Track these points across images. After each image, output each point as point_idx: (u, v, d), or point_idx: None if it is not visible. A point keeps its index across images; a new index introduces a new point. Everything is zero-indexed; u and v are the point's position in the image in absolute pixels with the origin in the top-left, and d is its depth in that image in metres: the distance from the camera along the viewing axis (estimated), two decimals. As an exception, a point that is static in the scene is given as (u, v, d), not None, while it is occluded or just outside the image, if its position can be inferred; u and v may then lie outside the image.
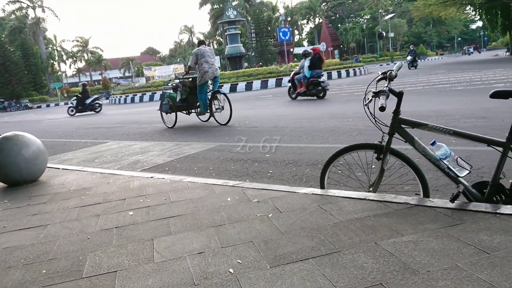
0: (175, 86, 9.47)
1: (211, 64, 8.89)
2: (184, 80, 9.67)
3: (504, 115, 6.09)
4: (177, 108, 9.30)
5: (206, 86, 8.99)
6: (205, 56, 8.84)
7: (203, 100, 9.04)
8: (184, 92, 9.29)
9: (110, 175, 4.52)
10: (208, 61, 8.85)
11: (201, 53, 8.87)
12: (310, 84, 12.95)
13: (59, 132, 11.65)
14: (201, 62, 8.82)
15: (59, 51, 64.94)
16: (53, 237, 2.73)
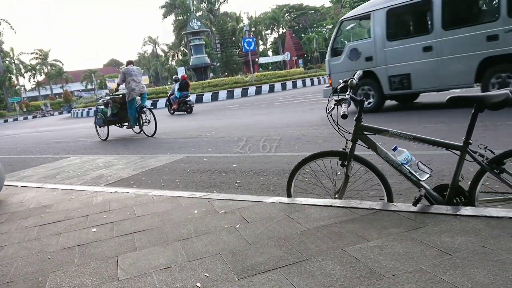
0: (106, 102, 10.41)
1: (138, 82, 9.83)
2: (115, 96, 10.56)
3: (460, 119, 6.33)
4: (109, 122, 10.20)
5: (134, 101, 9.85)
6: (132, 75, 9.77)
7: (132, 114, 9.97)
8: (115, 107, 10.26)
9: (72, 191, 4.37)
10: (135, 80, 9.78)
11: (128, 72, 9.78)
12: (181, 103, 16.86)
13: (18, 148, 11.20)
14: (128, 81, 9.74)
15: (17, 64, 62.75)
16: (10, 259, 2.59)
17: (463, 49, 7.19)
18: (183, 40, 66.61)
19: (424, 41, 7.69)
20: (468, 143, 2.27)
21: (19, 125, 28.88)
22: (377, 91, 8.52)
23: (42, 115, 43.34)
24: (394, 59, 8.15)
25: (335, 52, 9.33)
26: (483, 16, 7.29)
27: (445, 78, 7.60)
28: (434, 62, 7.61)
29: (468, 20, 7.26)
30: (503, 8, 6.59)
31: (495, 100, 2.19)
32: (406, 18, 8.47)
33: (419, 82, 7.93)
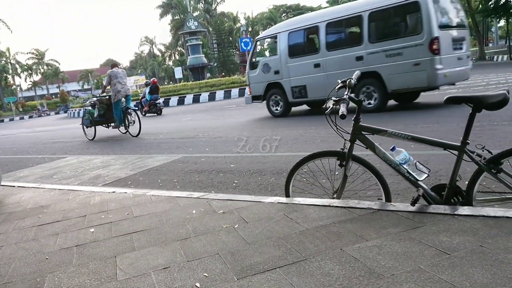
0: (93, 103, 10.78)
1: (123, 84, 10.18)
2: (102, 98, 10.93)
3: (458, 120, 6.36)
4: (96, 123, 10.58)
5: (120, 103, 10.18)
6: (118, 77, 10.09)
7: (118, 115, 10.29)
8: (101, 108, 10.60)
9: (69, 191, 4.36)
10: (121, 82, 10.10)
11: (114, 75, 10.10)
12: (151, 105, 18.02)
13: (14, 148, 11.15)
14: (114, 83, 10.04)
15: (13, 64, 62.49)
16: (8, 259, 2.59)
17: (341, 66, 8.88)
18: (180, 40, 66.53)
19: (315, 59, 9.46)
20: (465, 143, 2.28)
21: (15, 125, 28.78)
22: (284, 99, 10.32)
23: (38, 115, 43.19)
24: (294, 73, 9.88)
25: (253, 65, 11.09)
26: (353, 41, 8.98)
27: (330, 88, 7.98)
28: (322, 76, 9.35)
29: (343, 44, 9.13)
30: (365, 36, 8.54)
31: (492, 100, 2.20)
32: (302, 40, 9.99)
33: (313, 92, 9.62)
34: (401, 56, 8.06)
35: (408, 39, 8.02)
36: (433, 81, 7.84)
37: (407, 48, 7.98)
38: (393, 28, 8.61)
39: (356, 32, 9.04)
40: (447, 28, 8.10)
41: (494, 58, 35.12)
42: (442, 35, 7.75)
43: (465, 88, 12.18)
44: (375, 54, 8.40)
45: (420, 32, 7.80)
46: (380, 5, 8.31)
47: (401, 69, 8.07)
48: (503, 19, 36.33)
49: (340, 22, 9.13)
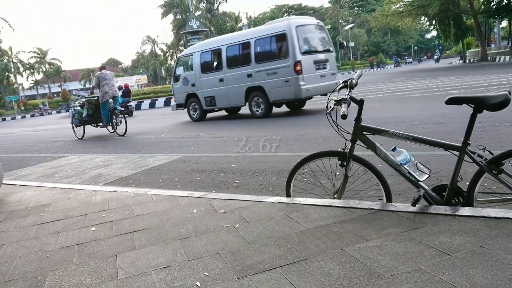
0: (82, 104, 11.38)
1: (111, 86, 10.67)
2: (90, 98, 11.36)
3: (459, 120, 6.36)
4: (84, 122, 11.11)
5: (107, 104, 10.64)
6: (106, 79, 10.61)
7: (105, 115, 10.79)
8: (90, 108, 11.09)
9: (70, 190, 4.37)
10: (108, 83, 10.59)
11: (102, 77, 10.60)
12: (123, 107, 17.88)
13: (16, 147, 11.17)
14: (102, 84, 10.55)
15: (15, 63, 62.56)
16: (9, 257, 2.59)
17: (238, 81, 11.00)
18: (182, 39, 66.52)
19: (219, 75, 11.50)
20: (466, 144, 2.28)
21: (17, 123, 28.81)
22: (200, 106, 12.41)
23: (40, 114, 43.20)
24: (206, 86, 11.93)
25: (176, 78, 13.08)
26: (245, 62, 10.91)
27: (231, 99, 11.44)
28: (225, 89, 11.44)
29: (238, 64, 11.09)
30: (253, 58, 10.67)
31: (494, 101, 2.19)
32: (210, 59, 12.02)
33: (220, 101, 11.76)
34: (276, 75, 10.18)
35: (280, 61, 10.15)
36: (298, 94, 9.98)
37: (280, 69, 10.12)
38: (271, 52, 10.55)
39: (247, 54, 10.90)
40: (309, 53, 10.23)
41: (496, 59, 35.05)
42: (304, 59, 9.90)
43: (467, 89, 12.18)
44: (260, 72, 10.51)
45: (287, 57, 9.96)
46: (261, 35, 10.65)
47: (277, 84, 10.21)
48: (505, 20, 36.27)
49: (236, 46, 11.21)
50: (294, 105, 11.69)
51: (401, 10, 37.73)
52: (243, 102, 11.18)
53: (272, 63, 10.22)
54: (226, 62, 11.26)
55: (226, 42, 11.48)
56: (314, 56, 10.32)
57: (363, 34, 76.53)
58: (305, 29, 10.40)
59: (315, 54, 10.41)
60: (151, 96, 26.98)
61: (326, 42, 11.00)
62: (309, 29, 10.63)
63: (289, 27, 9.95)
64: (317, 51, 10.60)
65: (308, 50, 10.29)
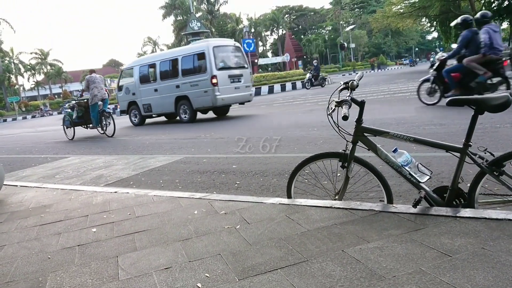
0: (72, 106, 11.86)
1: (100, 89, 11.19)
2: (80, 101, 11.99)
3: (460, 122, 6.35)
4: (74, 124, 11.65)
5: (97, 106, 11.16)
6: (96, 82, 11.12)
7: (94, 117, 11.32)
8: (80, 111, 11.63)
9: (71, 191, 4.38)
10: (98, 86, 11.12)
11: (92, 80, 11.13)
12: None
13: (17, 148, 11.19)
14: (92, 87, 11.10)
15: (16, 64, 62.66)
16: (10, 258, 2.60)
17: (169, 92, 12.78)
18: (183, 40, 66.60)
19: (154, 86, 13.30)
20: (468, 145, 2.28)
21: (18, 124, 28.84)
22: (139, 113, 14.02)
23: (41, 115, 43.29)
24: (144, 95, 13.61)
25: (120, 88, 14.69)
26: (174, 75, 12.78)
27: (164, 106, 13.13)
28: (159, 98, 13.13)
29: (169, 76, 12.91)
30: (180, 72, 12.52)
31: (495, 102, 2.19)
32: (147, 72, 13.81)
33: (155, 109, 13.42)
34: (198, 86, 12.02)
35: (201, 75, 11.98)
36: (214, 102, 11.82)
37: (200, 81, 11.95)
38: (194, 68, 12.37)
39: (175, 69, 12.73)
40: (224, 69, 12.13)
41: (497, 60, 34.99)
42: (219, 74, 11.79)
43: (468, 90, 12.13)
44: (185, 84, 12.35)
45: (206, 72, 11.82)
46: (187, 53, 12.59)
47: (198, 94, 12.03)
48: (506, 21, 36.26)
49: (167, 62, 13.09)
50: (219, 112, 13.47)
51: (402, 12, 37.75)
52: (173, 109, 12.97)
53: (194, 77, 12.16)
54: (159, 75, 13.15)
55: (159, 58, 13.60)
56: (229, 72, 12.32)
57: (364, 35, 76.63)
58: (221, 49, 12.47)
59: (230, 70, 12.41)
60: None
61: (241, 60, 13.15)
62: (225, 49, 12.79)
63: (207, 47, 11.94)
64: (232, 68, 12.62)
65: (223, 66, 12.23)
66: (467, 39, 8.16)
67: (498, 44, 7.87)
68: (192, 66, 12.39)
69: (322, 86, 25.03)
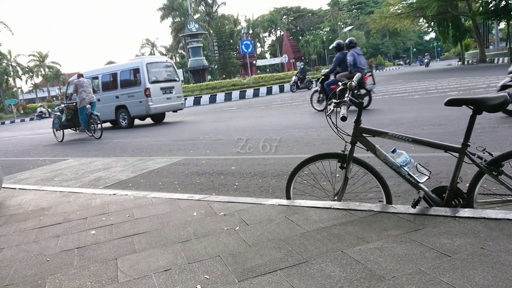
0: (61, 109, 12.43)
1: (88, 92, 11.74)
2: (69, 104, 12.67)
3: (459, 122, 6.37)
4: (64, 126, 12.30)
5: (85, 109, 11.65)
6: (84, 86, 11.65)
7: (83, 120, 11.80)
8: (69, 114, 12.33)
9: (70, 194, 4.37)
10: (85, 90, 11.66)
11: (80, 84, 11.65)
12: None
13: (15, 150, 11.16)
14: (80, 91, 11.63)
15: (14, 66, 62.55)
16: (9, 261, 2.59)
17: (110, 101, 14.25)
18: (181, 42, 66.66)
19: (98, 96, 13.73)
20: (466, 145, 2.29)
21: (16, 127, 28.77)
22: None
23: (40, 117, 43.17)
24: None
25: (67, 97, 15.03)
26: (114, 87, 14.35)
27: (106, 114, 13.99)
28: (101, 107, 13.78)
29: (110, 88, 14.45)
30: (119, 84, 14.14)
31: (493, 102, 2.20)
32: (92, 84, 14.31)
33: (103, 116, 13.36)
34: (134, 97, 13.64)
35: (136, 88, 13.66)
36: (148, 111, 13.60)
37: (136, 93, 13.59)
38: (130, 81, 13.97)
39: (115, 82, 14.30)
40: (157, 82, 13.90)
41: (495, 60, 35.13)
42: (152, 86, 13.57)
43: (466, 90, 12.20)
44: (124, 95, 13.98)
45: (141, 84, 13.55)
46: (124, 68, 14.19)
47: (135, 104, 13.64)
48: (503, 21, 36.36)
49: (108, 75, 14.59)
50: (156, 118, 15.16)
51: (400, 12, 37.88)
52: (114, 117, 14.50)
53: (131, 89, 13.76)
54: (101, 86, 14.61)
55: (102, 72, 15.07)
56: (161, 84, 14.13)
57: (361, 36, 76.69)
58: (154, 65, 14.24)
59: (161, 83, 14.19)
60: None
61: (173, 74, 14.94)
62: (158, 65, 14.52)
63: (141, 64, 13.70)
64: (164, 81, 14.39)
65: (156, 80, 13.98)
66: (339, 60, 10.57)
67: (361, 64, 10.21)
68: (129, 80, 14.15)
69: (308, 88, 24.54)
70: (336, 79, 10.34)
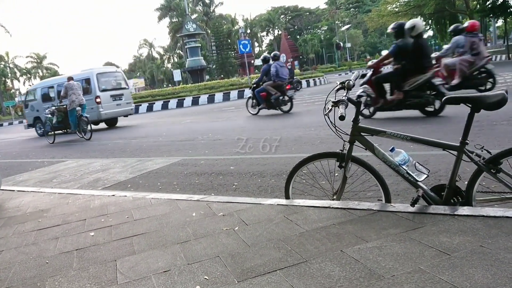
0: (52, 111, 12.75)
1: (78, 95, 12.15)
2: (60, 106, 12.84)
3: (457, 120, 6.37)
4: (55, 128, 12.64)
5: (74, 111, 12.08)
6: (73, 89, 12.10)
7: (73, 121, 12.21)
8: (59, 116, 12.61)
9: (69, 195, 4.36)
10: (75, 93, 12.09)
11: (70, 87, 12.10)
12: None
13: (13, 152, 11.14)
14: (70, 94, 12.04)
15: (12, 68, 62.49)
16: (8, 264, 2.58)
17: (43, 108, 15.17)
18: (179, 42, 66.57)
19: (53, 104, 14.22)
20: (464, 143, 2.29)
21: (14, 129, 28.68)
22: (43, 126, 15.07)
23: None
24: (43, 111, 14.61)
25: (26, 105, 17.18)
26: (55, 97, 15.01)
27: None
28: None
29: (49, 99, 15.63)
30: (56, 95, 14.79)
31: (491, 100, 2.20)
32: (47, 92, 16.20)
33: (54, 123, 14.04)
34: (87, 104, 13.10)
35: (88, 96, 14.24)
36: (99, 117, 14.73)
37: (88, 100, 13.68)
38: (83, 89, 13.68)
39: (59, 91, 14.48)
40: (107, 90, 15.04)
41: (493, 58, 35.16)
42: (102, 94, 14.71)
43: (464, 88, 12.16)
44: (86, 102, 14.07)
45: (91, 93, 14.63)
46: (77, 78, 14.13)
47: (88, 110, 13.25)
48: (501, 19, 36.41)
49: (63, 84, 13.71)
50: (109, 123, 16.21)
51: (397, 10, 37.87)
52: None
53: (84, 97, 13.31)
54: (56, 95, 15.00)
55: (57, 82, 15.82)
56: (111, 92, 15.22)
57: (359, 34, 76.77)
58: (104, 75, 15.30)
59: (111, 91, 15.29)
60: (148, 99, 27.01)
61: (122, 82, 16.10)
62: (108, 75, 15.59)
63: (91, 74, 14.81)
64: (113, 89, 15.44)
65: (105, 88, 15.10)
66: (265, 71, 11.93)
67: (283, 74, 11.61)
68: (85, 88, 14.66)
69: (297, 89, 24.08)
70: (263, 87, 11.76)
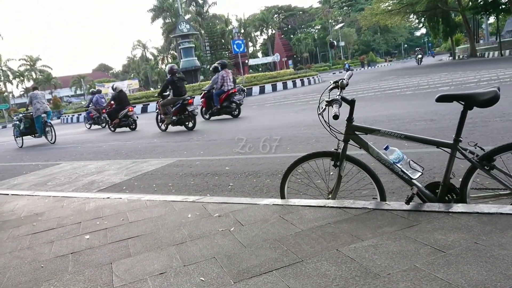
0: (19, 118, 13.65)
1: (42, 103, 13.08)
2: (27, 114, 13.69)
3: (450, 117, 6.40)
4: (23, 134, 13.53)
5: (40, 118, 12.96)
6: (38, 98, 13.03)
7: (39, 127, 13.14)
8: (27, 122, 13.44)
9: (64, 198, 4.34)
10: (39, 101, 13.01)
11: (34, 96, 13.05)
12: None
13: (7, 156, 11.08)
14: (34, 102, 12.96)
15: (5, 71, 62.07)
16: (2, 268, 2.56)
17: None
18: (173, 43, 66.37)
19: None
20: (458, 141, 2.30)
21: (8, 132, 28.51)
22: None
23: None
24: None
25: None
26: None
27: None
28: None
29: None
30: None
31: (484, 97, 2.21)
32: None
33: None
34: None
35: None
36: None
37: None
38: None
39: None
40: None
41: (485, 54, 35.38)
42: None
43: (457, 85, 12.28)
44: None
45: None
46: None
47: None
48: (493, 16, 36.63)
49: None
50: None
51: (390, 9, 38.03)
52: None
53: None
54: None
55: None
56: None
57: (353, 33, 76.97)
58: None
59: None
60: (143, 100, 26.93)
61: None
62: None
63: None
64: None
65: None
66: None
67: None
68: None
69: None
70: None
